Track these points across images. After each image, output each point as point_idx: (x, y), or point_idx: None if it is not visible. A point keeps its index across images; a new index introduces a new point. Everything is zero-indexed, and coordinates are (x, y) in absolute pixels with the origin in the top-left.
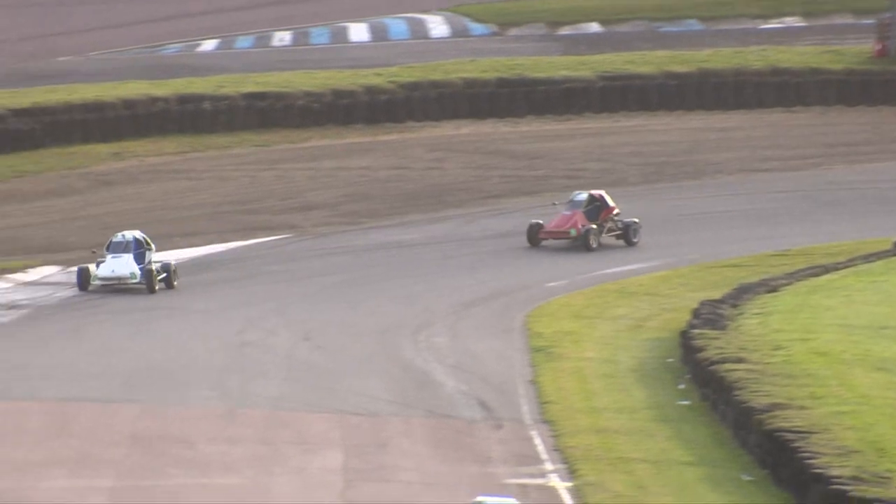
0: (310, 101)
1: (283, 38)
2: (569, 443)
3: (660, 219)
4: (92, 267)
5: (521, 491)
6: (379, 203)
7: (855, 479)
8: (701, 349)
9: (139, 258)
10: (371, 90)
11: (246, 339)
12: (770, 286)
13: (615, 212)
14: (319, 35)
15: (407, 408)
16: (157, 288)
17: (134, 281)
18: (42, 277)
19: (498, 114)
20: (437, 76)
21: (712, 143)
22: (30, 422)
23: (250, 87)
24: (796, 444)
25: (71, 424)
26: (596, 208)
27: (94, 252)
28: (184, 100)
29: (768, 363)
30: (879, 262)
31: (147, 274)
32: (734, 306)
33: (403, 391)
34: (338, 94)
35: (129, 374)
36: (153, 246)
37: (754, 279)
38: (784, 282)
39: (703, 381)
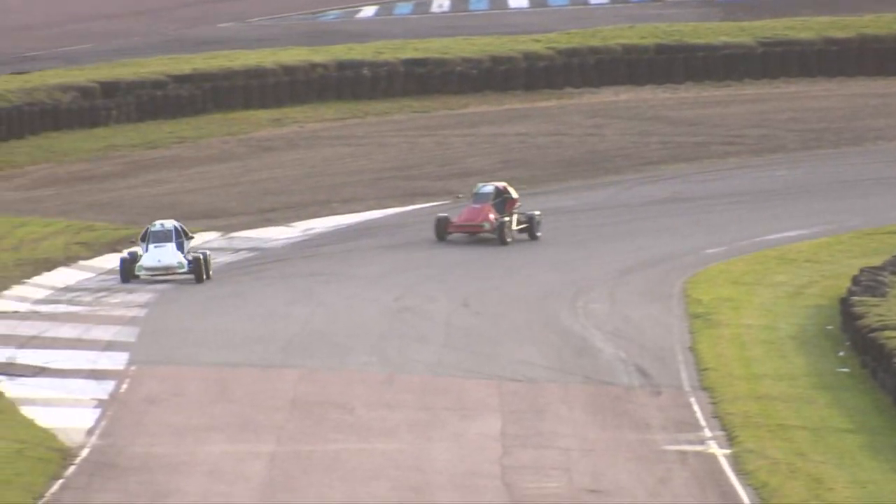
0: (468, 68)
1: (441, 4)
2: (728, 410)
3: (819, 185)
4: (138, 249)
5: (680, 458)
6: (537, 170)
7: None
8: (861, 316)
9: (180, 248)
10: (529, 56)
11: (405, 305)
12: None
13: (517, 204)
14: (478, 1)
15: (565, 374)
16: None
17: (182, 270)
18: (202, 243)
19: (656, 80)
20: (595, 42)
21: (872, 109)
22: (190, 387)
23: (409, 54)
24: None
25: (231, 389)
26: (503, 201)
27: (132, 242)
28: (343, 66)
29: None
30: None
31: (196, 263)
32: (895, 273)
33: (561, 358)
34: (496, 60)
35: (289, 340)
36: (192, 235)
37: None
38: None
39: (863, 349)
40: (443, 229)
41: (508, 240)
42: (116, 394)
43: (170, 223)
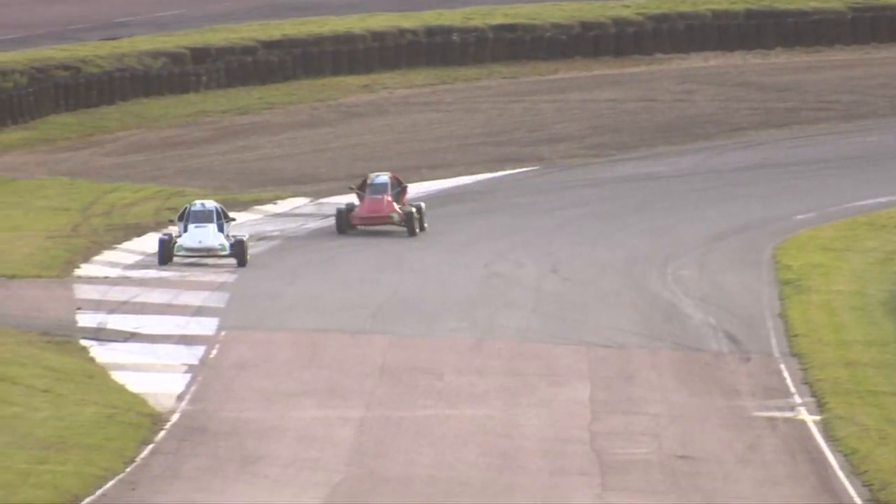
0: (558, 34)
1: None
2: (817, 376)
3: None
4: (174, 230)
5: (770, 424)
6: (626, 135)
7: None
8: None
9: (220, 230)
10: (619, 22)
11: (494, 271)
12: None
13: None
14: None
15: (654, 340)
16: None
17: (224, 253)
18: (292, 209)
19: (747, 45)
20: (685, 8)
21: None
22: (280, 352)
23: (499, 19)
24: None
25: (321, 355)
26: (399, 191)
27: (171, 221)
28: (432, 32)
29: None
30: None
31: (239, 245)
32: None
33: (650, 324)
34: (586, 26)
35: (378, 306)
36: (234, 218)
37: None
38: None
39: None
40: (345, 221)
41: (418, 231)
42: (206, 359)
43: (211, 203)
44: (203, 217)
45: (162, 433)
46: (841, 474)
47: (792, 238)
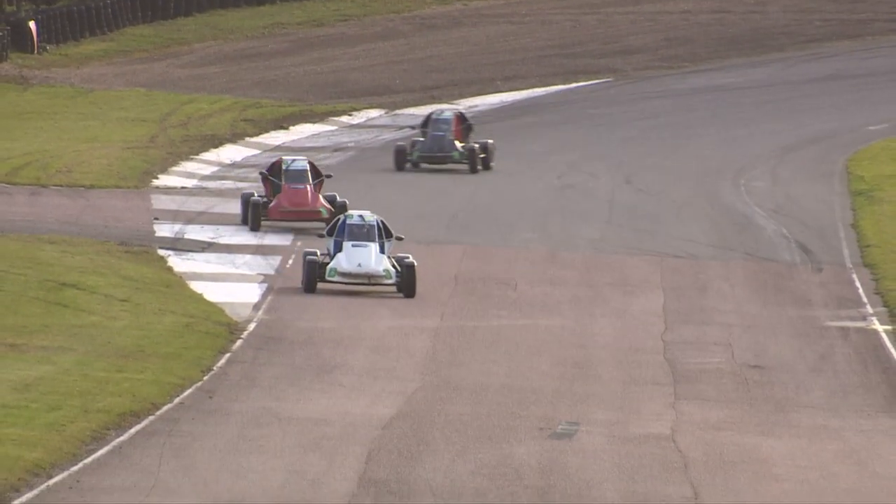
0: None
1: None
2: (890, 286)
3: None
4: (319, 250)
5: (842, 334)
6: (699, 47)
7: None
8: None
9: (382, 250)
10: None
11: (567, 183)
12: None
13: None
14: None
15: (726, 251)
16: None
17: (388, 281)
18: (367, 120)
19: None
20: None
21: None
22: None
23: None
24: None
25: None
26: (318, 183)
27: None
28: None
29: None
30: None
31: (407, 271)
32: None
33: (723, 234)
34: None
35: (453, 216)
36: (401, 237)
37: None
38: None
39: None
40: (258, 217)
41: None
42: (282, 269)
43: (372, 217)
44: (362, 234)
45: (238, 342)
46: None
47: (864, 149)
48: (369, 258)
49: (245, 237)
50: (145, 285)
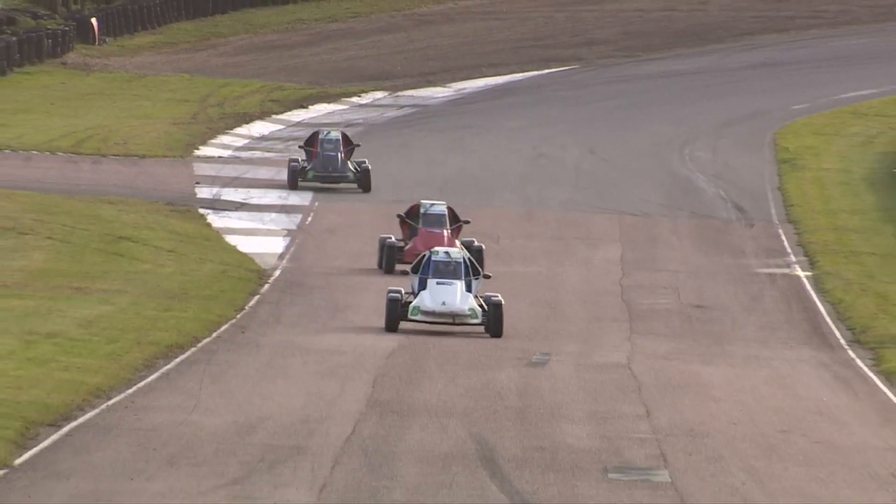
0: None
1: None
2: (809, 239)
3: (889, 52)
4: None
5: (770, 279)
6: (652, 39)
7: None
8: None
9: (469, 287)
10: None
11: (541, 153)
12: None
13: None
14: None
15: (674, 210)
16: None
17: (475, 321)
18: (373, 101)
19: None
20: None
21: None
22: (363, 219)
23: None
24: None
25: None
26: (456, 227)
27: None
28: None
29: None
30: None
31: (495, 311)
32: None
33: (671, 196)
34: None
35: (445, 181)
36: (488, 275)
37: None
38: None
39: None
40: (393, 260)
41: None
42: (303, 225)
43: (458, 254)
44: (448, 271)
45: (266, 286)
46: (829, 320)
47: (789, 125)
48: (454, 296)
49: (271, 198)
50: (188, 238)
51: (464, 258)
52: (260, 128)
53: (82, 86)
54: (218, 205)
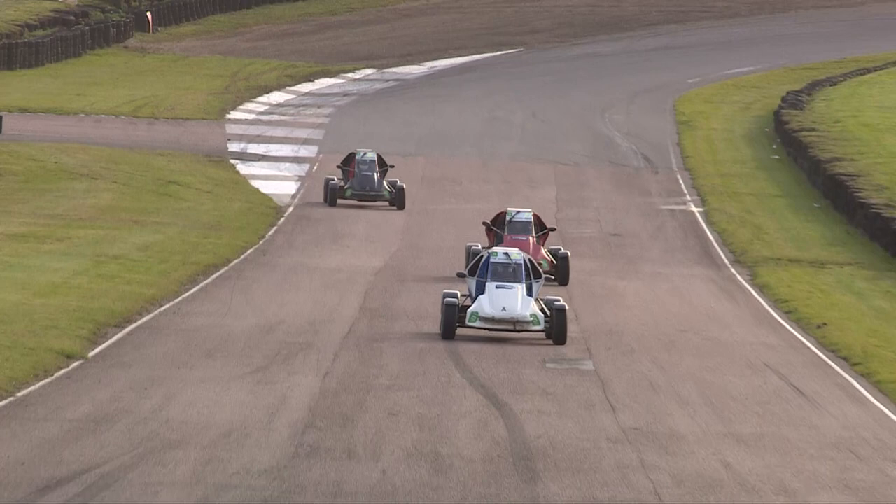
0: None
1: None
2: (701, 182)
3: (763, 38)
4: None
5: (671, 214)
6: (579, 29)
7: (886, 205)
8: (787, 122)
9: (529, 291)
10: None
11: (494, 116)
12: (833, 81)
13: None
14: None
15: (597, 160)
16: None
17: (537, 327)
18: (364, 76)
19: None
20: None
21: None
22: None
23: None
24: (849, 184)
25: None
26: (543, 234)
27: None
28: None
29: (830, 131)
30: None
31: (558, 316)
32: (809, 94)
33: (595, 149)
34: None
35: (420, 138)
36: (549, 276)
37: (822, 77)
38: (841, 78)
39: (788, 143)
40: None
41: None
42: (310, 172)
43: (518, 255)
44: (508, 274)
45: (282, 219)
46: (716, 245)
47: (685, 94)
48: (515, 301)
49: (286, 151)
50: (221, 182)
51: (524, 259)
52: (277, 97)
53: (139, 65)
54: (244, 156)
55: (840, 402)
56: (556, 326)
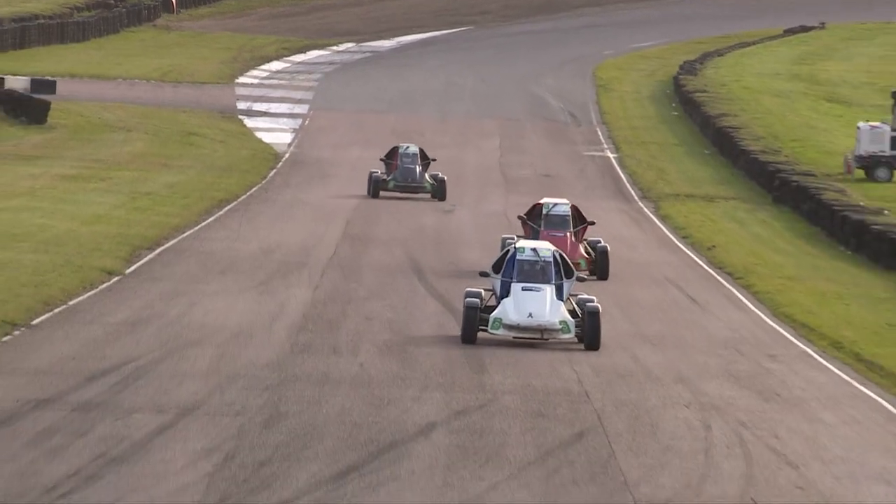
0: None
1: None
2: (616, 134)
3: (664, 18)
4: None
5: (591, 159)
6: (521, 11)
7: (762, 152)
8: (684, 86)
9: (559, 295)
10: None
11: (450, 81)
12: (720, 53)
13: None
14: None
15: (532, 116)
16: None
17: (567, 335)
18: (345, 49)
19: None
20: None
21: None
22: (342, 122)
23: None
24: (732, 135)
25: (362, 124)
26: (583, 228)
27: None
28: None
29: (718, 93)
30: (782, 39)
31: (590, 320)
32: (701, 63)
33: (531, 107)
34: None
35: (390, 99)
36: (581, 277)
37: (711, 49)
38: (727, 50)
39: (685, 102)
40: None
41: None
42: (302, 126)
43: (548, 251)
44: (536, 273)
45: (280, 163)
46: (627, 185)
47: (602, 63)
48: (543, 307)
49: (283, 108)
50: (232, 134)
51: (554, 255)
52: (276, 66)
53: (165, 40)
54: (250, 113)
55: (726, 309)
56: (588, 331)
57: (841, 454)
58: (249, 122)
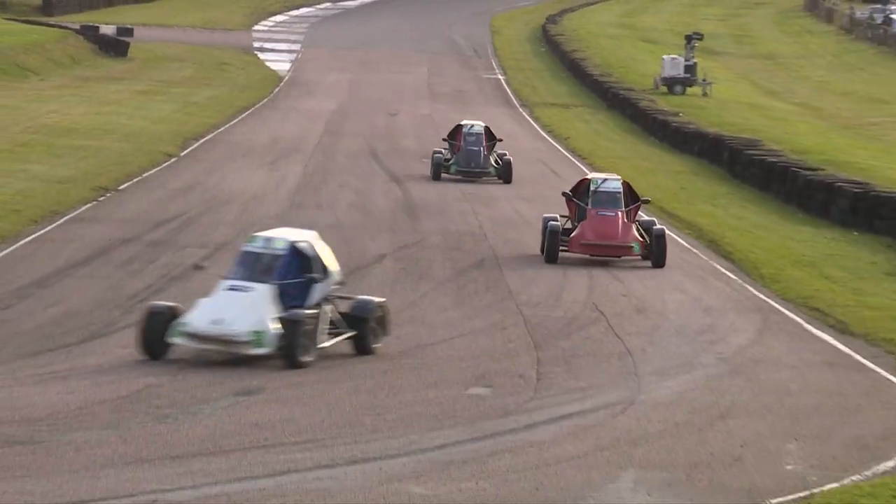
0: None
1: None
2: (505, 63)
3: None
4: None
5: (488, 80)
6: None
7: (601, 75)
8: (549, 31)
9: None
10: None
11: (396, 28)
12: (573, 9)
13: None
14: None
15: (451, 52)
16: None
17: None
18: (326, 6)
19: None
20: None
21: None
22: (323, 56)
23: None
24: (581, 63)
25: (340, 57)
26: (634, 207)
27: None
28: None
29: (571, 36)
30: (615, 0)
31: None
32: (560, 16)
33: (447, 47)
34: None
35: (358, 39)
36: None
37: (568, 6)
38: (579, 7)
39: (549, 42)
40: (555, 246)
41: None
42: (297, 58)
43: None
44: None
45: (282, 84)
46: (512, 97)
47: (496, 15)
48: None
49: (284, 47)
50: (248, 64)
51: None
52: (279, 18)
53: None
54: (263, 49)
55: (575, 174)
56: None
57: (651, 274)
58: (262, 56)
